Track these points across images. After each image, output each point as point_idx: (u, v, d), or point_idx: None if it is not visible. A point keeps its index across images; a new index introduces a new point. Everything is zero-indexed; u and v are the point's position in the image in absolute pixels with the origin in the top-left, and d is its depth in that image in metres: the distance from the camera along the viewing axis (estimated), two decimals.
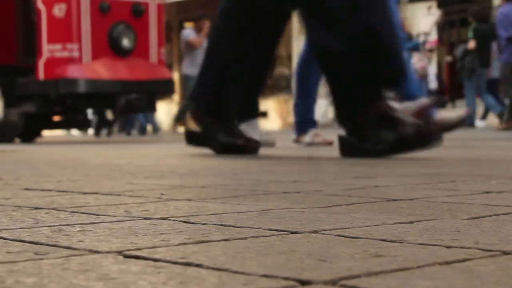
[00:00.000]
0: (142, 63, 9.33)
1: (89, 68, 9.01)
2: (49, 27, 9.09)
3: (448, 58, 15.65)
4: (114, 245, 1.06)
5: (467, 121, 11.66)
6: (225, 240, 1.09)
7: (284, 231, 1.18)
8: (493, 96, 11.99)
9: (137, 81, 9.11)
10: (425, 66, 14.20)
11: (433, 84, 14.81)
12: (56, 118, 10.58)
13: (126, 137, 13.34)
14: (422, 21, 15.37)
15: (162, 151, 5.27)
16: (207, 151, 4.30)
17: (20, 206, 1.60)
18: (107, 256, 0.97)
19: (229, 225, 1.25)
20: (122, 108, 9.26)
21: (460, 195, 1.74)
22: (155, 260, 0.93)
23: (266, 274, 0.83)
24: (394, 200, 1.65)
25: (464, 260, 0.90)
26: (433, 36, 15.61)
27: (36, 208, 1.56)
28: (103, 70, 9.04)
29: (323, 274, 0.83)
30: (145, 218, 1.37)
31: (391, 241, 1.06)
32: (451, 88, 15.75)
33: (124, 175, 2.59)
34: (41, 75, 9.03)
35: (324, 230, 1.19)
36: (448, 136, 4.19)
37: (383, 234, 1.13)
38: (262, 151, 4.33)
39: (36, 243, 1.08)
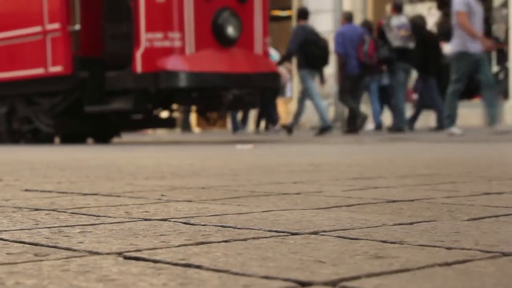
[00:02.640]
0: (247, 54, 8.24)
1: (193, 60, 7.88)
2: (148, 13, 7.97)
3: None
4: (114, 246, 1.06)
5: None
6: (226, 241, 1.09)
7: (284, 232, 1.18)
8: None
9: (243, 74, 8.01)
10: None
11: None
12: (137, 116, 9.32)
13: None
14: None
15: (162, 152, 5.27)
16: (206, 152, 4.30)
17: (20, 207, 1.60)
18: (107, 257, 0.97)
19: (230, 227, 1.25)
20: (229, 104, 8.16)
21: (460, 196, 1.74)
22: (155, 261, 0.93)
23: (267, 276, 0.83)
24: (394, 201, 1.65)
25: (464, 262, 0.90)
26: None
27: (36, 209, 1.56)
28: (207, 62, 7.91)
29: (324, 275, 0.83)
30: (145, 219, 1.37)
31: (391, 243, 1.06)
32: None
33: (124, 176, 2.59)
34: (138, 67, 7.86)
35: (324, 231, 1.19)
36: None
37: (383, 236, 1.13)
38: (261, 152, 4.33)
39: (36, 245, 1.08)
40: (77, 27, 8.59)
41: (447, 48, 11.00)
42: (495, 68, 14.99)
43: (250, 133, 11.80)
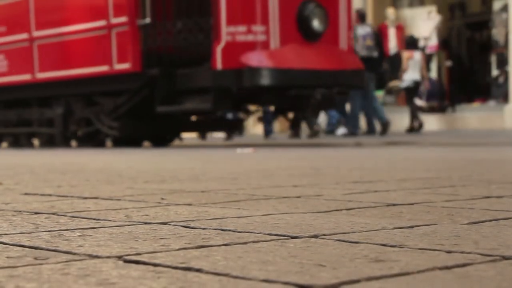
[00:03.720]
0: (332, 49, 7.57)
1: (278, 56, 7.20)
2: (229, 5, 7.24)
3: (448, 63, 15.68)
4: (114, 250, 1.06)
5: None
6: (226, 245, 1.09)
7: (284, 236, 1.18)
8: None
9: (330, 71, 7.30)
10: None
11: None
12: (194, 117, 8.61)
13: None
14: (422, 26, 15.38)
15: (161, 156, 5.27)
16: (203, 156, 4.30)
17: (20, 211, 1.60)
18: (107, 261, 0.97)
19: (229, 230, 1.25)
20: (317, 105, 7.54)
21: (460, 200, 1.74)
22: (155, 265, 0.93)
23: (267, 279, 0.83)
24: (394, 205, 1.65)
25: (464, 265, 0.90)
26: (433, 41, 15.63)
27: (36, 213, 1.56)
28: (293, 58, 7.22)
29: (323, 279, 0.83)
30: (145, 223, 1.37)
31: (391, 246, 1.06)
32: (450, 93, 15.78)
33: (124, 180, 2.59)
34: (218, 64, 7.10)
35: (324, 235, 1.19)
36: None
37: (383, 239, 1.13)
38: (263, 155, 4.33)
39: (36, 248, 1.08)
40: (147, 20, 7.71)
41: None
42: (495, 72, 15.00)
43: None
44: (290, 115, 8.91)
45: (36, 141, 9.55)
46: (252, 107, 8.64)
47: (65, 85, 8.57)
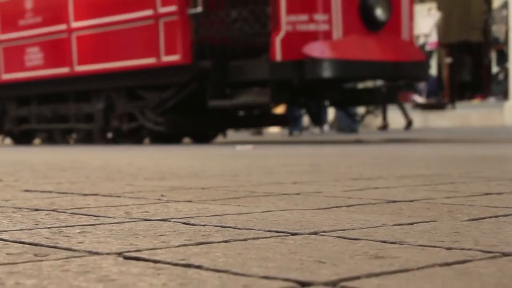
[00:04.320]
0: (395, 40, 7.15)
1: (341, 46, 6.81)
2: None
3: (448, 60, 15.68)
4: (114, 246, 1.06)
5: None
6: (225, 241, 1.09)
7: (284, 232, 1.18)
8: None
9: (393, 63, 6.89)
10: None
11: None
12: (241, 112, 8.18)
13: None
14: (422, 22, 15.38)
15: (162, 153, 5.27)
16: (204, 153, 4.30)
17: (20, 208, 1.60)
18: (107, 257, 0.97)
19: (229, 227, 1.25)
20: (383, 98, 7.16)
21: (460, 197, 1.74)
22: (155, 261, 0.93)
23: (266, 276, 0.83)
24: (394, 201, 1.65)
25: (464, 262, 0.90)
26: (433, 38, 15.63)
27: (36, 210, 1.56)
28: (356, 48, 6.84)
29: (323, 276, 0.83)
30: (145, 220, 1.37)
31: (391, 243, 1.06)
32: (450, 90, 15.78)
33: (124, 177, 2.59)
34: (277, 55, 6.68)
35: (324, 231, 1.19)
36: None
37: (383, 236, 1.13)
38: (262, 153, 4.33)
39: (36, 245, 1.08)
40: (199, 9, 7.26)
41: None
42: (495, 69, 15.00)
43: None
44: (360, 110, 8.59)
45: (72, 138, 9.11)
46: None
47: (106, 79, 8.14)
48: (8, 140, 10.65)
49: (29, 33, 8.96)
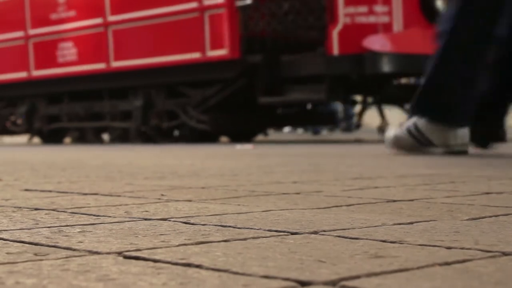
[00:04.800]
0: None
1: (403, 39, 6.52)
2: None
3: None
4: (114, 246, 1.06)
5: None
6: (225, 241, 1.09)
7: (284, 232, 1.18)
8: None
9: None
10: None
11: None
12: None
13: None
14: None
15: (162, 152, 5.27)
16: (205, 152, 4.30)
17: (20, 207, 1.60)
18: (107, 257, 0.97)
19: (229, 226, 1.25)
20: None
21: (460, 196, 1.74)
22: (155, 261, 0.93)
23: (266, 275, 0.83)
24: (394, 201, 1.65)
25: (464, 261, 0.90)
26: None
27: (36, 209, 1.56)
28: (418, 42, 6.45)
29: (323, 275, 0.83)
30: (145, 219, 1.37)
31: (391, 242, 1.06)
32: None
33: (124, 176, 2.59)
34: (334, 49, 6.36)
35: (324, 231, 1.19)
36: None
37: (383, 235, 1.13)
38: (261, 152, 4.33)
39: (36, 244, 1.08)
40: (248, 1, 6.98)
41: None
42: None
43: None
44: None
45: (106, 136, 8.71)
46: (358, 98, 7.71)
47: (145, 75, 7.78)
48: (37, 139, 10.31)
49: (62, 27, 8.60)
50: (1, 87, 9.59)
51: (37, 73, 9.11)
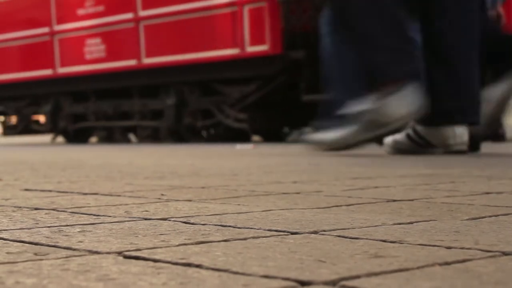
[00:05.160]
0: None
1: None
2: None
3: None
4: (114, 245, 1.06)
5: None
6: (225, 240, 1.09)
7: (284, 231, 1.18)
8: None
9: None
10: None
11: None
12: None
13: None
14: None
15: (162, 152, 5.27)
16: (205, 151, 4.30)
17: (20, 207, 1.60)
18: (107, 256, 0.97)
19: (229, 226, 1.25)
20: None
21: (460, 196, 1.74)
22: (155, 260, 0.93)
23: (266, 275, 0.83)
24: (394, 200, 1.65)
25: (464, 261, 0.90)
26: None
27: (36, 209, 1.56)
28: None
29: (323, 275, 0.83)
30: (145, 219, 1.37)
31: (391, 242, 1.06)
32: None
33: (124, 176, 2.59)
34: None
35: (324, 230, 1.19)
36: None
37: (383, 235, 1.13)
38: (261, 152, 4.33)
39: (36, 244, 1.08)
40: None
41: None
42: None
43: None
44: None
45: (134, 136, 8.35)
46: None
47: (178, 72, 7.41)
48: (60, 139, 9.87)
49: (90, 23, 8.23)
50: (25, 85, 9.27)
51: (63, 70, 8.80)
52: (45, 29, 9.02)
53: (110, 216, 1.41)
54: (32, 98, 9.54)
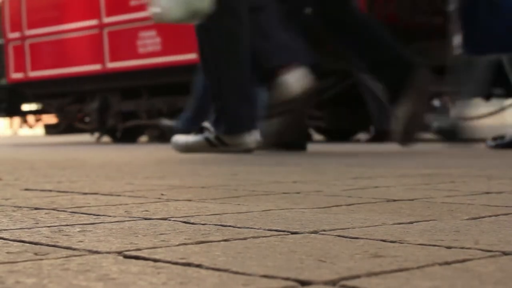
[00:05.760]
0: None
1: None
2: None
3: None
4: (114, 245, 1.06)
5: None
6: (225, 240, 1.09)
7: (284, 231, 1.18)
8: None
9: None
10: None
11: None
12: None
13: None
14: None
15: (162, 151, 5.27)
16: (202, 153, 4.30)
17: (20, 207, 1.60)
18: (107, 256, 0.97)
19: (229, 226, 1.25)
20: None
21: (460, 196, 1.74)
22: (155, 260, 0.93)
23: (266, 275, 0.83)
24: (394, 200, 1.65)
25: (464, 261, 0.90)
26: None
27: (36, 209, 1.56)
28: None
29: (323, 275, 0.83)
30: (145, 219, 1.37)
31: (391, 242, 1.06)
32: None
33: (124, 176, 2.59)
34: None
35: (324, 230, 1.19)
36: None
37: (383, 235, 1.13)
38: (259, 152, 4.34)
39: (36, 244, 1.08)
40: None
41: None
42: None
43: None
44: None
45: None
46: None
47: None
48: (106, 138, 9.42)
49: (144, 14, 7.50)
50: (69, 81, 8.76)
51: (112, 65, 8.26)
52: (94, 22, 8.46)
53: (110, 216, 1.41)
54: (76, 95, 9.03)
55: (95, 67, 8.52)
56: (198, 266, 0.89)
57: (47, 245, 1.07)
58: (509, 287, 0.76)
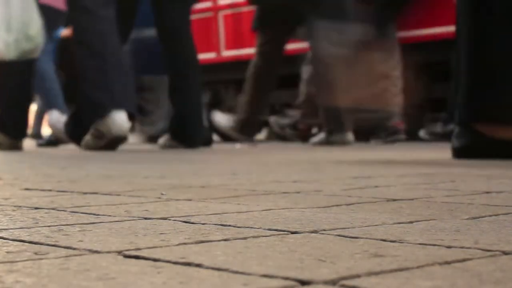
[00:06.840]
0: None
1: None
2: None
3: None
4: (114, 245, 1.06)
5: None
6: (225, 240, 1.09)
7: (284, 231, 1.18)
8: None
9: None
10: None
11: None
12: None
13: None
14: None
15: (162, 152, 5.27)
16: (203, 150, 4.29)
17: (19, 206, 1.60)
18: (107, 256, 0.97)
19: (229, 225, 1.25)
20: None
21: (460, 195, 1.74)
22: (155, 260, 0.93)
23: (266, 274, 0.83)
24: (394, 200, 1.65)
25: (464, 260, 0.90)
26: None
27: (36, 208, 1.56)
28: None
29: (323, 274, 0.83)
30: (145, 218, 1.37)
31: (391, 241, 1.06)
32: None
33: (124, 175, 2.59)
34: None
35: (324, 230, 1.19)
36: None
37: (383, 234, 1.13)
38: (261, 151, 4.33)
39: (35, 243, 1.08)
40: None
41: None
42: None
43: None
44: None
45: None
46: None
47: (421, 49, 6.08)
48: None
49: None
50: None
51: (229, 53, 7.24)
52: (207, 4, 7.34)
53: (110, 216, 1.41)
54: None
55: (209, 55, 7.42)
56: (198, 265, 0.89)
57: (47, 244, 1.07)
58: (509, 287, 0.76)
